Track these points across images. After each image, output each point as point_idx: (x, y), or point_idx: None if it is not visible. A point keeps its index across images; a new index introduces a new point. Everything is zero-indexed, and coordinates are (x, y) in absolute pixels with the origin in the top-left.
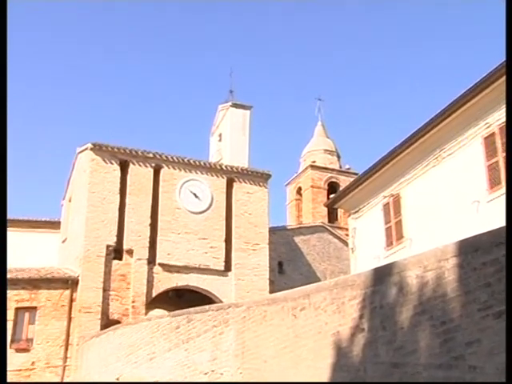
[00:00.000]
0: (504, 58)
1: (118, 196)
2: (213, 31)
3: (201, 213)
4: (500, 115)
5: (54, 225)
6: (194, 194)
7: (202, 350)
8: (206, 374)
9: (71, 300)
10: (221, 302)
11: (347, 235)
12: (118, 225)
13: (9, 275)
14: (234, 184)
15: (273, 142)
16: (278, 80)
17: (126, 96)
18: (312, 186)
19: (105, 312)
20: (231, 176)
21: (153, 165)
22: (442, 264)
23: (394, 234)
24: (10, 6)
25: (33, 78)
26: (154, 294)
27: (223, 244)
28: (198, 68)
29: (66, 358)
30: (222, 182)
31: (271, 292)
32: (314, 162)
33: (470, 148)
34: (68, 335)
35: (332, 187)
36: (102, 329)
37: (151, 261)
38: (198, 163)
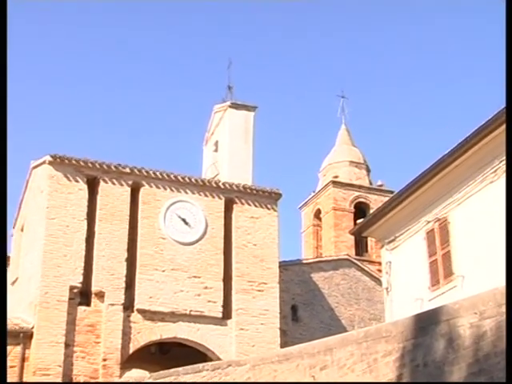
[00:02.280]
0: None
1: (85, 223)
2: (206, 14)
3: (192, 244)
4: None
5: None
6: (183, 220)
7: None
8: None
9: (23, 359)
10: (218, 359)
11: (380, 271)
12: (84, 260)
13: None
14: (235, 206)
15: (283, 151)
16: (289, 73)
17: (95, 96)
18: (334, 209)
19: (67, 374)
20: (231, 196)
21: (130, 182)
22: (504, 310)
23: (441, 269)
24: None
25: None
26: (131, 350)
27: (221, 284)
28: (186, 59)
29: None
30: (219, 203)
31: (283, 346)
32: (336, 176)
33: None
34: None
35: (360, 209)
36: None
37: (128, 306)
38: (187, 180)
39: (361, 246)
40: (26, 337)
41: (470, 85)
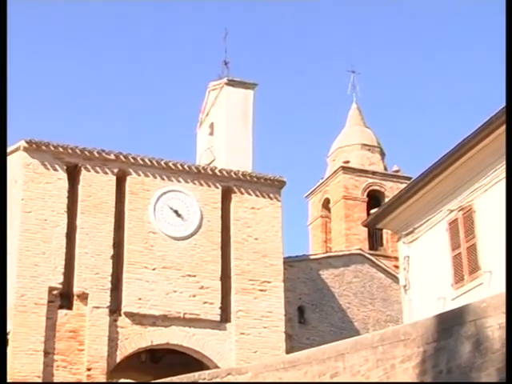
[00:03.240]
0: None
1: (66, 216)
2: None
3: (185, 238)
4: None
5: None
6: (176, 212)
7: None
8: None
9: None
10: (216, 367)
11: (397, 267)
12: (65, 258)
13: None
14: (233, 196)
15: (287, 134)
16: (293, 46)
17: (76, 74)
18: (345, 197)
19: None
20: (228, 185)
21: (115, 170)
22: None
23: (466, 264)
24: None
25: None
26: (118, 358)
27: (218, 283)
28: (176, 30)
29: None
30: (216, 193)
31: (289, 351)
32: (347, 161)
33: None
34: None
35: (374, 198)
36: None
37: (114, 309)
38: (179, 167)
39: (375, 240)
40: None
41: (499, 59)
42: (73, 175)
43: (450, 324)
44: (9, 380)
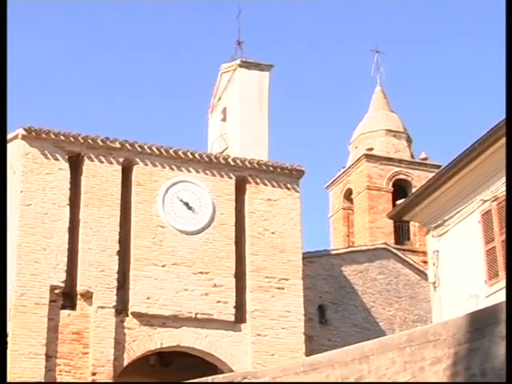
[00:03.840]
0: None
1: (68, 209)
2: None
3: (197, 233)
4: None
5: None
6: (186, 204)
7: None
8: None
9: None
10: (231, 370)
11: (425, 263)
12: (67, 254)
13: None
14: (248, 187)
15: (306, 120)
16: (311, 25)
17: (78, 56)
18: (369, 188)
19: None
20: (243, 174)
21: (120, 160)
22: None
23: (501, 259)
24: None
25: None
26: (126, 362)
27: (233, 280)
28: (185, 8)
29: None
30: (229, 184)
31: (309, 354)
32: (370, 149)
33: None
34: None
35: (400, 188)
36: None
37: (121, 309)
38: (190, 156)
39: (401, 233)
40: None
41: None
42: (75, 165)
43: (483, 323)
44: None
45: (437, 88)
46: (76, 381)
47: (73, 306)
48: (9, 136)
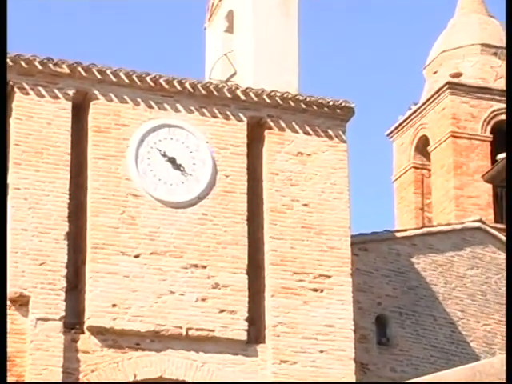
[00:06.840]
0: None
1: None
2: None
3: (189, 205)
4: None
5: None
6: (172, 161)
7: None
8: None
9: None
10: None
11: None
12: None
13: None
14: (267, 135)
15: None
16: None
17: None
18: (454, 135)
19: None
20: (260, 115)
21: (70, 93)
22: None
23: None
24: None
25: None
26: None
27: (244, 278)
28: None
29: None
30: (239, 129)
31: None
32: (457, 74)
33: None
34: None
35: (503, 136)
36: None
37: (73, 323)
38: (178, 86)
39: (505, 206)
40: None
41: None
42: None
43: None
44: None
45: None
46: (76, 381)
47: None
48: None
